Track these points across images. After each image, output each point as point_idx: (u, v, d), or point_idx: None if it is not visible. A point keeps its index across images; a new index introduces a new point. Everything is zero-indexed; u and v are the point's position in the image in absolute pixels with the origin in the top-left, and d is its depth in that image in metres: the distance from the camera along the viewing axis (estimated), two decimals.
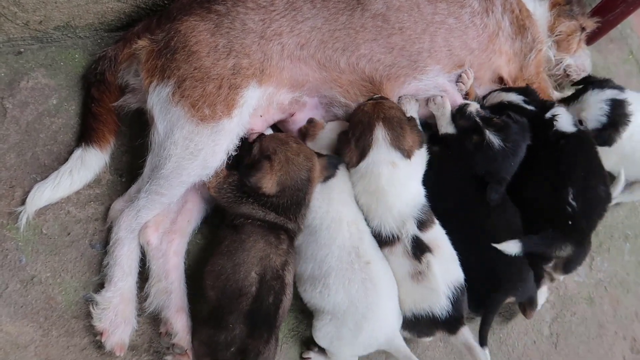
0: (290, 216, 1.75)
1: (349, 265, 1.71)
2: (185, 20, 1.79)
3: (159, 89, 1.76)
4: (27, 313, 1.68)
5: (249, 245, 1.66)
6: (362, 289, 1.69)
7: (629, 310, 2.43)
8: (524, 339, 2.19)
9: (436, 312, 1.72)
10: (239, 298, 1.59)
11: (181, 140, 1.72)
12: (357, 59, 1.95)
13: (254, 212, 1.73)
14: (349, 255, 1.73)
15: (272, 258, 1.66)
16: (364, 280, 1.69)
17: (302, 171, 1.76)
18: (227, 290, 1.60)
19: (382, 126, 1.85)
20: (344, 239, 1.75)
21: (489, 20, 2.14)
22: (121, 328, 1.65)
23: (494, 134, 1.98)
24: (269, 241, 1.69)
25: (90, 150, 1.87)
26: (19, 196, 1.79)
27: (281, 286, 1.65)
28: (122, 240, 1.73)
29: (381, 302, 1.70)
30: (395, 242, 1.80)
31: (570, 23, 2.47)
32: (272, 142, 1.81)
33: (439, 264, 1.74)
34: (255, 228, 1.71)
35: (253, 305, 1.59)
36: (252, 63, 1.81)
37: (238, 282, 1.60)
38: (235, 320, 1.57)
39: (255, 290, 1.60)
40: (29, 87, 1.98)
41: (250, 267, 1.62)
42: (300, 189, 1.75)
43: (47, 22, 1.97)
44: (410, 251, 1.77)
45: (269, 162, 1.74)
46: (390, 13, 1.96)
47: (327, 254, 1.75)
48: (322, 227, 1.79)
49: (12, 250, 1.74)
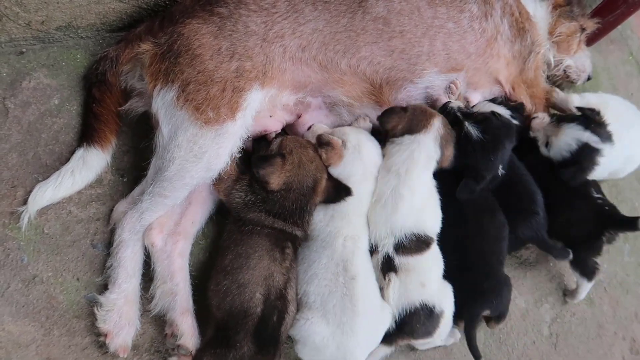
0: (297, 221, 1.75)
1: (334, 277, 1.71)
2: (188, 23, 1.79)
3: (163, 92, 1.76)
4: (28, 312, 1.68)
5: (253, 262, 1.66)
6: (340, 306, 1.67)
7: (628, 311, 2.44)
8: (524, 339, 2.19)
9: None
10: (244, 319, 1.60)
11: (185, 143, 1.72)
12: (357, 61, 1.96)
13: (263, 219, 1.74)
14: (337, 266, 1.72)
15: (276, 277, 1.67)
16: (343, 296, 1.68)
17: (309, 178, 1.78)
18: (233, 311, 1.62)
19: (441, 121, 1.95)
20: (334, 251, 1.75)
21: (487, 24, 2.14)
22: (125, 330, 1.65)
23: (472, 125, 1.99)
24: (274, 257, 1.69)
25: (91, 150, 1.87)
26: (20, 196, 1.80)
27: (284, 305, 1.66)
28: (125, 242, 1.73)
29: (355, 324, 1.66)
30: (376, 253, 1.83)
31: (571, 24, 2.47)
32: (292, 143, 1.84)
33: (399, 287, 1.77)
34: (262, 239, 1.71)
35: (259, 325, 1.60)
36: (255, 65, 1.81)
37: (243, 303, 1.61)
38: (243, 339, 1.58)
39: (261, 311, 1.62)
40: (31, 87, 1.98)
41: (255, 288, 1.63)
42: (304, 195, 1.76)
43: (49, 22, 1.97)
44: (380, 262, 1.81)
45: (282, 160, 1.76)
46: (391, 16, 1.97)
47: (316, 260, 1.75)
48: (317, 237, 1.81)
49: (14, 250, 1.74)
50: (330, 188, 1.82)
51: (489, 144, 1.97)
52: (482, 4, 2.13)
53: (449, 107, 2.05)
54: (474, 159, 1.96)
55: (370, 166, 1.90)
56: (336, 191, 1.82)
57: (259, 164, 1.74)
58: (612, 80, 3.11)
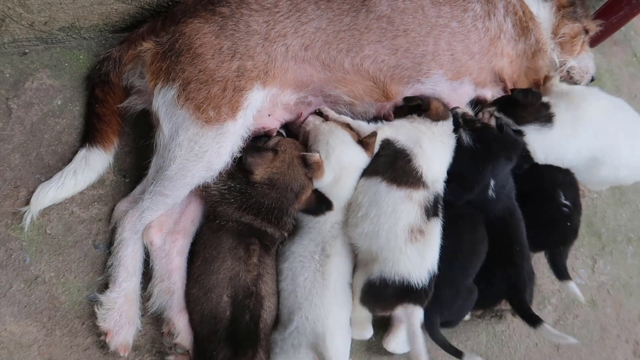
0: (272, 219, 1.74)
1: (310, 255, 1.75)
2: (190, 22, 1.80)
3: (164, 91, 1.76)
4: (30, 313, 1.69)
5: (217, 265, 1.67)
6: (310, 279, 1.70)
7: (631, 314, 2.43)
8: (526, 342, 2.18)
9: (412, 280, 1.68)
10: (215, 325, 1.61)
11: (186, 142, 1.73)
12: (361, 60, 1.95)
13: (230, 212, 1.73)
14: (316, 246, 1.76)
15: (242, 276, 1.66)
16: (315, 272, 1.71)
17: (296, 182, 1.77)
18: (204, 319, 1.64)
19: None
20: (319, 233, 1.79)
21: (490, 23, 2.14)
22: (125, 328, 1.65)
23: (466, 132, 1.98)
24: (237, 256, 1.69)
25: (94, 151, 1.87)
26: (23, 196, 1.80)
27: (257, 302, 1.66)
28: (126, 241, 1.73)
29: (324, 298, 1.67)
30: (420, 187, 1.78)
31: (574, 25, 2.46)
32: (288, 143, 1.85)
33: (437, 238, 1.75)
34: (226, 237, 1.71)
35: (229, 328, 1.60)
36: (257, 65, 1.81)
37: (212, 309, 1.63)
38: (217, 346, 1.59)
39: (230, 314, 1.62)
40: (34, 87, 1.98)
41: (222, 291, 1.64)
42: (287, 197, 1.75)
43: (52, 23, 1.97)
44: (430, 204, 1.77)
45: (274, 155, 1.76)
46: (394, 15, 1.97)
47: (296, 241, 1.79)
48: (305, 225, 1.84)
49: (16, 250, 1.75)
50: (313, 199, 1.80)
51: (478, 153, 1.94)
52: (485, 3, 2.13)
53: (454, 111, 2.05)
54: (462, 166, 1.94)
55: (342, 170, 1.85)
56: (318, 203, 1.81)
57: (250, 151, 1.75)
58: (615, 82, 3.10)
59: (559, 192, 2.06)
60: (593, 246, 2.50)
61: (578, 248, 2.47)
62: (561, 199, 2.06)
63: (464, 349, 1.96)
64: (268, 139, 1.92)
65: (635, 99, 3.09)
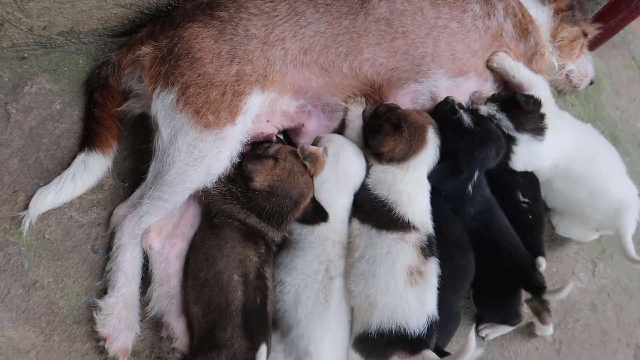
0: (272, 223, 1.74)
1: (314, 274, 1.70)
2: (189, 26, 1.79)
3: (163, 95, 1.76)
4: (29, 318, 1.68)
5: (227, 250, 1.65)
6: (312, 299, 1.66)
7: (632, 317, 2.42)
8: (527, 346, 2.17)
9: (410, 327, 1.61)
10: (227, 309, 1.56)
11: (185, 147, 1.72)
12: (360, 64, 1.95)
13: (236, 212, 1.72)
14: (320, 265, 1.72)
15: (252, 258, 1.66)
16: (318, 292, 1.67)
17: (295, 190, 1.76)
18: (213, 302, 1.58)
19: (433, 130, 1.93)
20: (323, 251, 1.75)
21: (491, 22, 2.15)
22: (124, 334, 1.65)
23: (468, 115, 1.97)
24: (247, 245, 1.69)
25: (93, 155, 1.87)
26: (22, 201, 1.80)
27: (263, 283, 1.65)
28: (125, 246, 1.73)
29: (323, 320, 1.63)
30: (411, 230, 1.75)
31: (573, 29, 2.47)
32: (289, 152, 1.84)
33: (435, 279, 1.70)
34: (233, 231, 1.70)
35: (244, 312, 1.56)
36: (256, 69, 1.81)
37: (222, 289, 1.58)
38: (232, 335, 1.54)
39: (242, 293, 1.59)
40: (33, 92, 1.98)
41: (232, 271, 1.61)
42: (286, 205, 1.75)
43: (51, 27, 1.97)
44: (425, 245, 1.73)
45: (274, 163, 1.76)
46: (393, 17, 1.97)
47: (300, 256, 1.75)
48: (305, 239, 1.80)
49: (14, 255, 1.74)
50: (310, 208, 1.80)
51: (477, 136, 1.93)
52: (484, 4, 2.14)
53: (449, 100, 2.02)
54: (458, 146, 1.93)
55: (344, 177, 1.87)
56: (314, 212, 1.80)
57: (250, 159, 1.74)
58: (614, 85, 3.10)
59: (517, 193, 2.12)
60: (593, 249, 2.50)
61: (578, 251, 2.47)
62: (519, 197, 2.12)
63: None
64: (269, 145, 1.91)
65: (634, 102, 3.10)
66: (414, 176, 1.87)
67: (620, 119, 3.00)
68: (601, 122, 2.90)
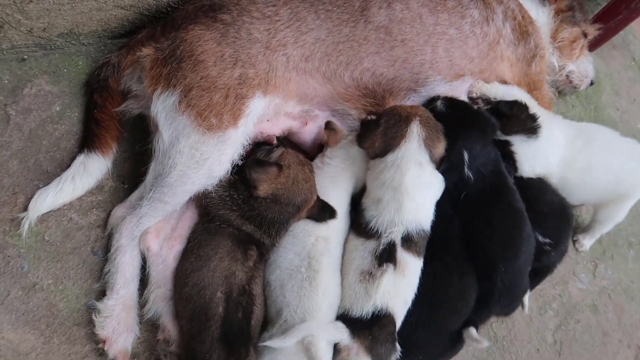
0: (271, 232, 1.73)
1: (296, 268, 1.69)
2: (191, 29, 1.79)
3: (164, 96, 1.75)
4: (28, 320, 1.68)
5: (213, 264, 1.64)
6: (298, 285, 1.66)
7: (633, 318, 2.42)
8: (528, 347, 2.17)
9: (352, 313, 1.67)
10: (207, 322, 1.57)
11: (187, 149, 1.72)
12: (360, 74, 1.94)
13: (232, 218, 1.72)
14: (301, 261, 1.70)
15: (238, 275, 1.65)
16: (303, 280, 1.66)
17: (299, 196, 1.75)
18: (195, 316, 1.59)
19: (419, 123, 1.81)
20: (303, 248, 1.73)
21: (489, 28, 2.14)
22: (124, 336, 1.65)
23: (441, 102, 1.98)
24: (235, 258, 1.67)
25: (92, 157, 1.86)
26: (21, 203, 1.79)
27: (249, 300, 1.64)
28: (123, 247, 1.72)
29: (313, 299, 1.64)
30: (372, 238, 1.75)
31: (573, 29, 2.47)
32: (292, 158, 1.82)
33: (391, 283, 1.68)
34: (224, 239, 1.69)
35: (223, 327, 1.57)
36: (258, 73, 1.80)
37: (204, 306, 1.58)
38: (210, 347, 1.55)
39: (223, 310, 1.59)
40: (32, 93, 1.98)
41: (216, 288, 1.61)
42: (288, 212, 1.74)
43: (50, 29, 1.97)
44: (379, 252, 1.71)
45: (279, 171, 1.75)
46: (392, 25, 1.96)
47: (282, 255, 1.75)
48: (290, 233, 1.79)
49: (14, 257, 1.74)
50: (317, 207, 1.79)
51: (450, 118, 1.91)
52: (483, 9, 2.13)
53: (435, 97, 2.04)
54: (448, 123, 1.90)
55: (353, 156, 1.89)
56: (321, 211, 1.79)
57: (254, 167, 1.73)
58: (614, 86, 3.10)
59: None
60: (594, 251, 2.50)
61: (579, 252, 2.47)
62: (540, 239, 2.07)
63: (465, 355, 1.95)
64: (271, 149, 1.89)
65: (634, 103, 3.10)
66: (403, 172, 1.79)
67: (620, 120, 3.01)
68: (601, 122, 2.89)
